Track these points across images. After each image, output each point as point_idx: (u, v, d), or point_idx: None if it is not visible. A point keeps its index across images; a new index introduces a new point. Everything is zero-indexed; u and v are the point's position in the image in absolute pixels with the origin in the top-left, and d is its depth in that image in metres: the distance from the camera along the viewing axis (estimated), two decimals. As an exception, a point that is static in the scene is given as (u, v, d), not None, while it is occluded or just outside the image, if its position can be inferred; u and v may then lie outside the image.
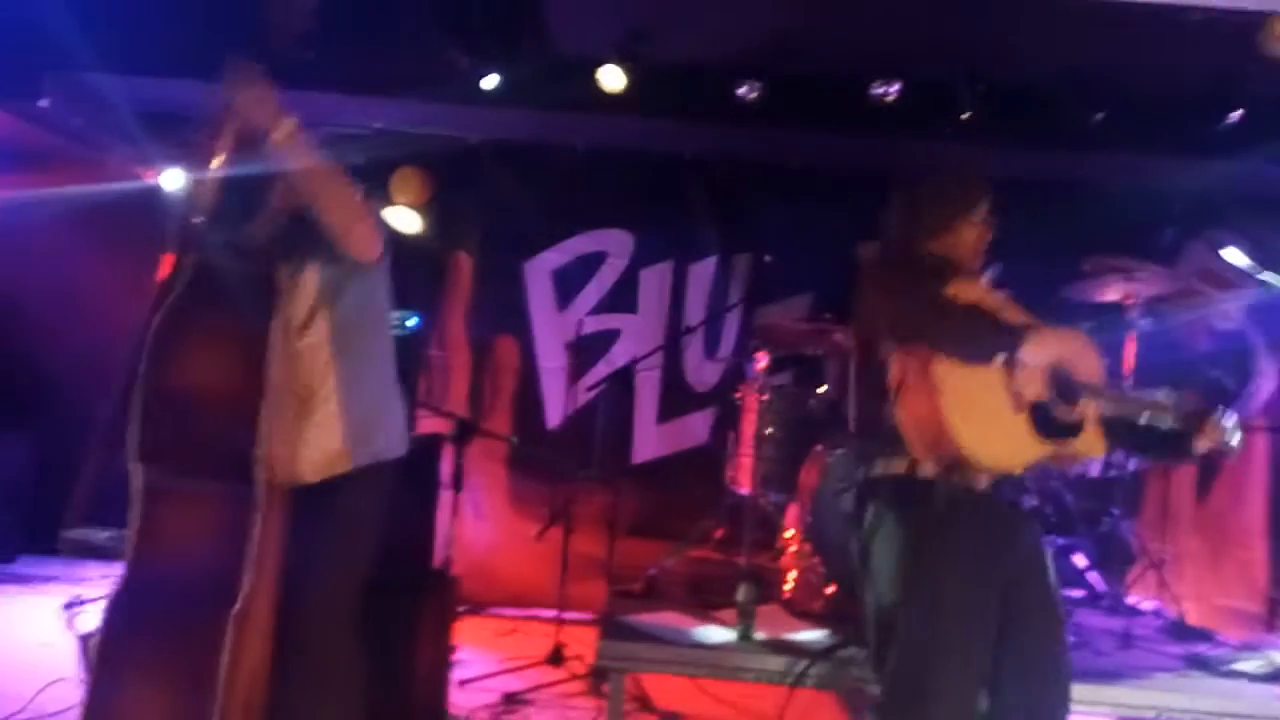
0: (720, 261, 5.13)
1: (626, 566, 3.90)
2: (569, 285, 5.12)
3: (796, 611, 3.31)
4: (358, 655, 2.25)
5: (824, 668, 2.71)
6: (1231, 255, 3.48)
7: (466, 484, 3.60)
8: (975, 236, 2.36)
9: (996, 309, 2.19)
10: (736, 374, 4.75)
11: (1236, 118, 4.24)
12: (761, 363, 4.03)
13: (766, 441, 3.77)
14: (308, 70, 3.84)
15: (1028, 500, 2.33)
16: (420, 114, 4.70)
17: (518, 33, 4.25)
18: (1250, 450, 4.44)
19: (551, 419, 5.06)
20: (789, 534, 3.66)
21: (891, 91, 4.30)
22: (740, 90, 4.36)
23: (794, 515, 3.68)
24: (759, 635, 2.92)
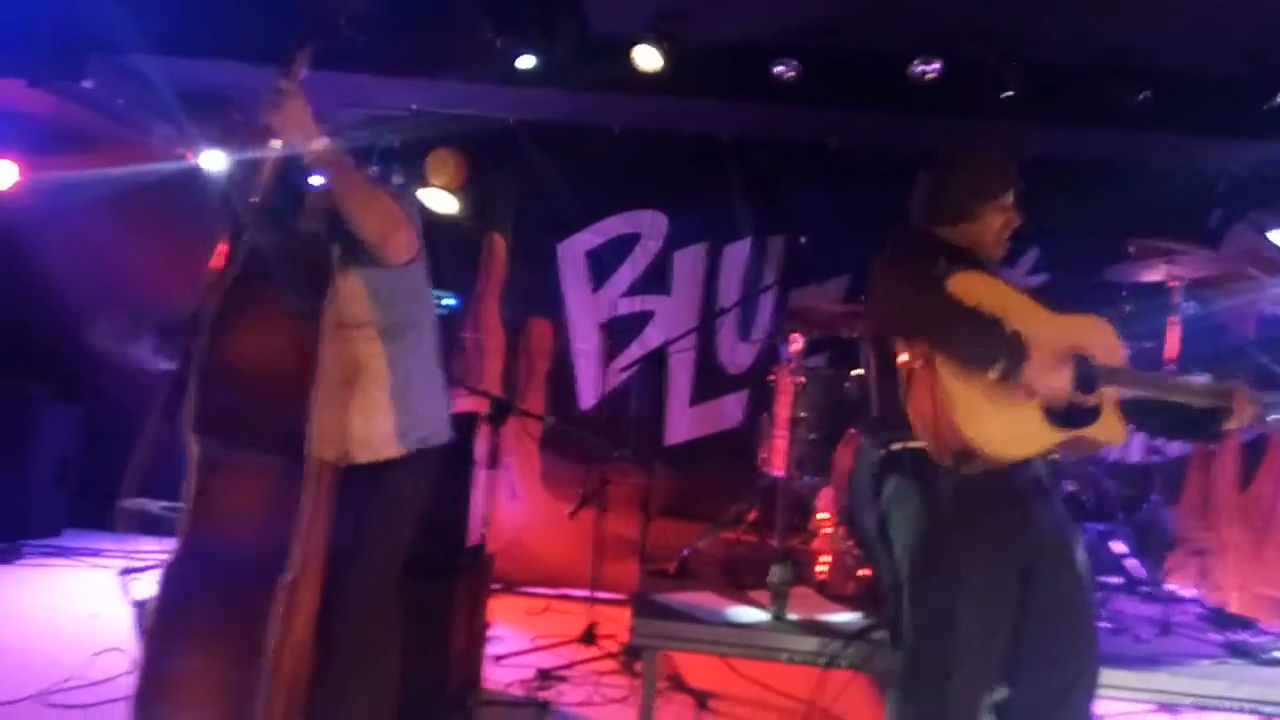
0: (755, 243, 5.11)
1: (659, 547, 3.92)
2: (603, 267, 5.13)
3: (830, 594, 3.31)
4: (398, 630, 2.30)
5: (857, 649, 2.71)
6: (1278, 237, 3.40)
7: (501, 464, 3.63)
8: (1001, 223, 2.31)
9: (1006, 308, 2.12)
10: (771, 356, 4.74)
11: (1284, 97, 4.14)
12: (796, 345, 4.00)
13: (800, 424, 3.75)
14: (345, 51, 3.86)
15: (1056, 481, 2.29)
16: (456, 95, 4.70)
17: (553, 13, 4.24)
18: (1295, 439, 4.36)
19: (585, 400, 5.08)
20: (822, 517, 3.66)
21: (931, 70, 4.23)
22: (777, 69, 4.32)
23: (828, 498, 3.67)
24: (792, 616, 2.92)
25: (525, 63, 4.27)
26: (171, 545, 2.03)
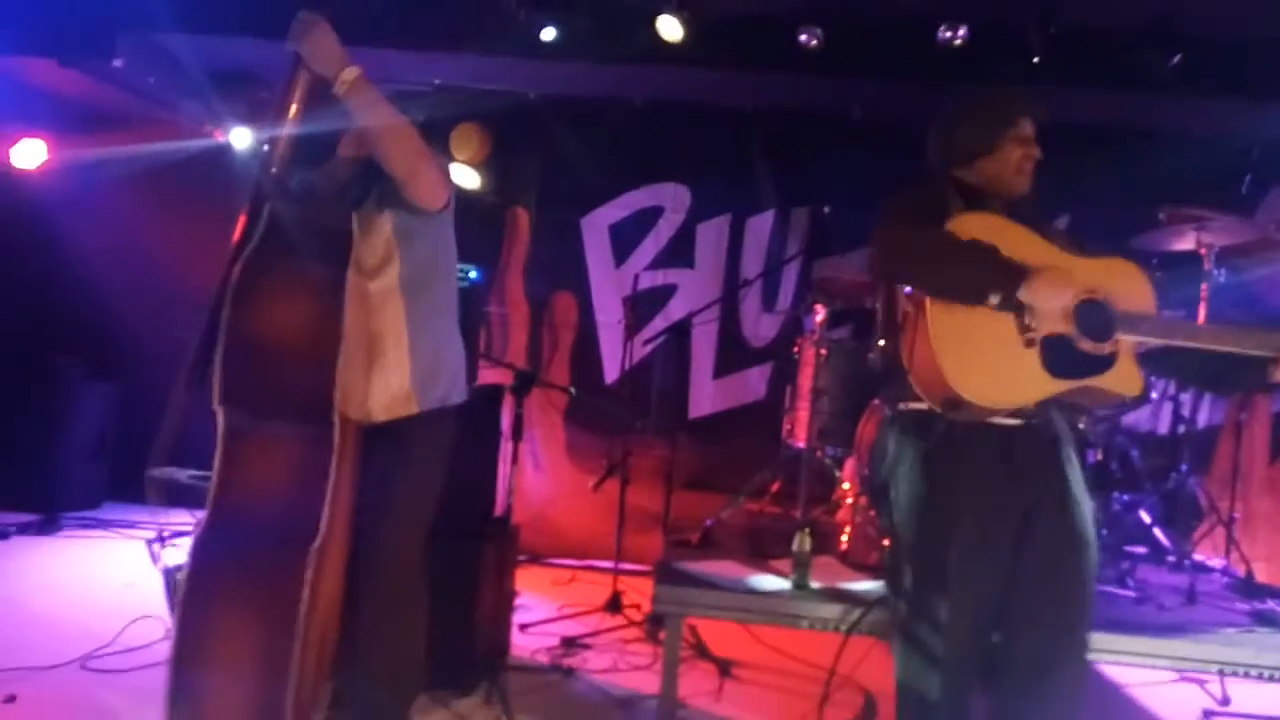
0: (778, 214, 5.09)
1: (683, 519, 3.95)
2: (626, 240, 5.13)
3: (852, 564, 3.31)
4: (426, 592, 2.34)
5: (879, 616, 2.71)
6: (1313, 205, 3.34)
7: (526, 436, 3.66)
8: (1021, 154, 2.24)
9: (1011, 243, 2.08)
10: (794, 328, 4.73)
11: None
12: (819, 316, 3.98)
13: (824, 395, 3.74)
14: (367, 26, 3.87)
15: (1069, 431, 2.26)
16: (479, 69, 4.70)
17: (575, -16, 4.22)
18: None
19: (609, 374, 5.11)
20: (845, 487, 3.66)
21: (959, 35, 4.17)
22: (801, 37, 4.27)
23: (851, 469, 3.67)
24: (814, 584, 2.94)
25: (548, 35, 4.27)
26: (201, 515, 2.08)
